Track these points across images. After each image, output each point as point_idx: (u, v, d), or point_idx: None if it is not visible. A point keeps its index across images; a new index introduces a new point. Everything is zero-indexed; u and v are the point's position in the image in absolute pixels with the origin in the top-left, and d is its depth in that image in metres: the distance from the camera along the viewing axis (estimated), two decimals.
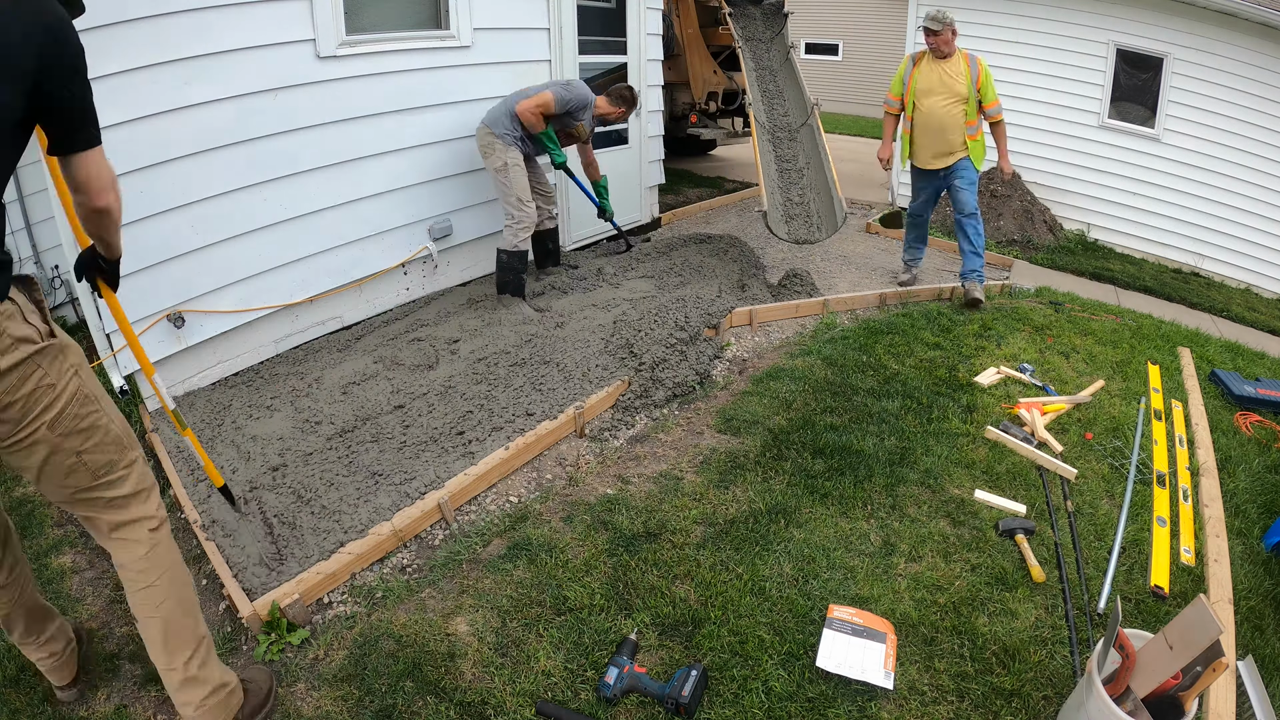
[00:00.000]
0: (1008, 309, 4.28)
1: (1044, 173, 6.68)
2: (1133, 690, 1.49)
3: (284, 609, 2.00)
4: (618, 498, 2.45)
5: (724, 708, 1.69)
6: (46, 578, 2.20)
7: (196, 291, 3.04)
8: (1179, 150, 6.06)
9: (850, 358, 3.43)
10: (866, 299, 4.34)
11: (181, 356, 3.08)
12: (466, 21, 3.76)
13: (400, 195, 3.74)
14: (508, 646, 1.88)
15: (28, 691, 1.81)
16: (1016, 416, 3.01)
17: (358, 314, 3.79)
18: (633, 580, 2.08)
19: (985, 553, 2.22)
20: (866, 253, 5.55)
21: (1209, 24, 5.66)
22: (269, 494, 2.51)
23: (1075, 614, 2.00)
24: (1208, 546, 2.32)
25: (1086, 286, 5.26)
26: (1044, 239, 6.29)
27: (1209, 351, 4.01)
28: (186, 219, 2.93)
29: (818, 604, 1.99)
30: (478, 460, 2.63)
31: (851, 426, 2.85)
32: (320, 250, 3.47)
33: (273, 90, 3.06)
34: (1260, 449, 3.01)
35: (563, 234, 4.85)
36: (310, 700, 1.75)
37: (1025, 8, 6.38)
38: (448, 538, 2.38)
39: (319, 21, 3.13)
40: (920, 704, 1.72)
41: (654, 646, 1.87)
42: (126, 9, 2.55)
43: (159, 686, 1.83)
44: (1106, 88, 6.23)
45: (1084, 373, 3.51)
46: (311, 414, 2.93)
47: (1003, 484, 2.59)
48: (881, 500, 2.44)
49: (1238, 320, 5.06)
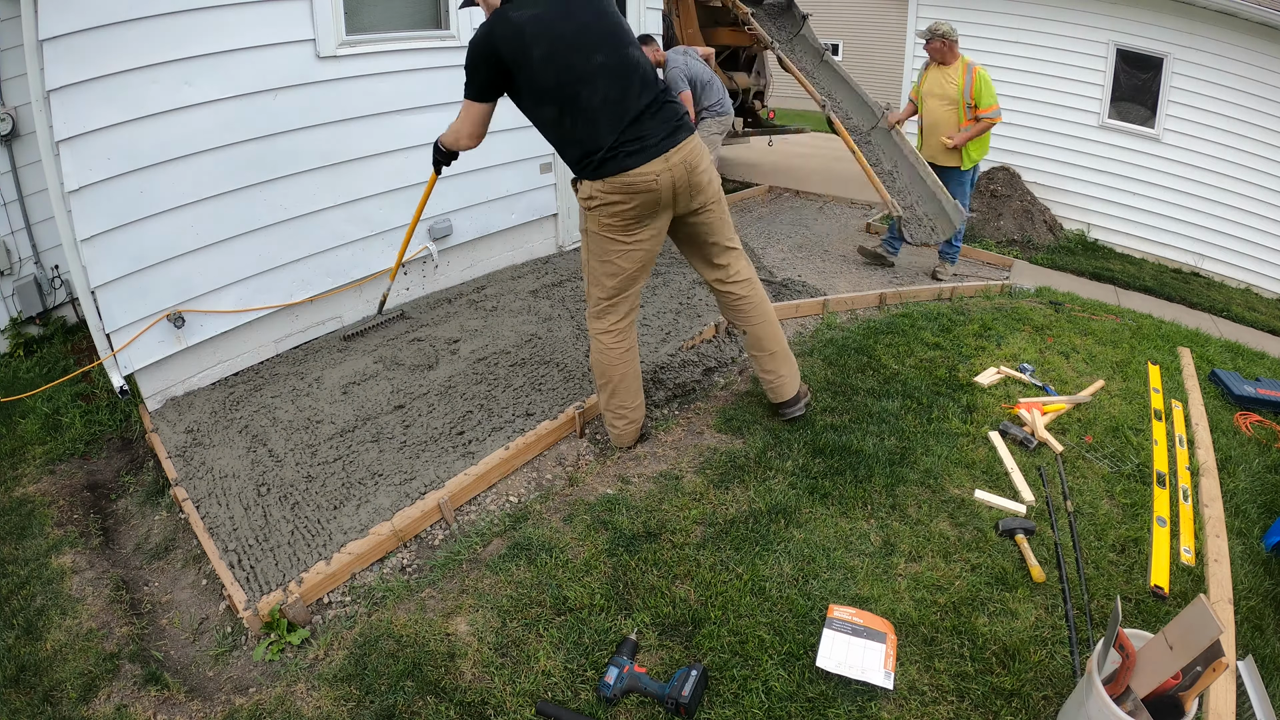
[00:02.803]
0: (1008, 309, 4.28)
1: (1044, 173, 6.68)
2: (1133, 690, 1.49)
3: (284, 609, 2.01)
4: (618, 498, 2.45)
5: (724, 708, 1.69)
6: (46, 578, 2.20)
7: (196, 291, 3.04)
8: (1179, 150, 6.06)
9: (850, 358, 3.43)
10: (866, 299, 4.34)
11: (182, 356, 3.08)
12: (466, 21, 3.76)
13: (400, 195, 3.74)
14: (508, 646, 1.88)
15: (27, 691, 1.82)
16: (1016, 416, 3.01)
17: (358, 314, 3.79)
18: (633, 580, 2.08)
19: (985, 553, 2.22)
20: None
21: (1209, 24, 5.66)
22: (270, 493, 2.51)
23: (1075, 614, 2.00)
24: (1208, 546, 2.32)
25: (1086, 286, 5.26)
26: (1044, 239, 6.29)
27: (1209, 351, 4.01)
28: (186, 219, 2.93)
29: (818, 604, 1.99)
30: (478, 460, 2.63)
31: (851, 426, 2.85)
32: (320, 250, 3.47)
33: (273, 90, 3.07)
34: (1260, 449, 3.01)
35: (561, 234, 4.85)
36: (310, 700, 1.75)
37: (1025, 8, 6.38)
38: (448, 538, 2.38)
39: (319, 21, 3.13)
40: (920, 704, 1.72)
41: (654, 646, 1.87)
42: (126, 9, 2.56)
43: (159, 686, 1.84)
44: (1106, 88, 6.22)
45: (1084, 373, 3.51)
46: (312, 414, 2.93)
47: (1002, 484, 2.59)
48: (881, 500, 2.44)
49: (1238, 320, 5.06)
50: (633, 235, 2.37)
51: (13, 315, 3.64)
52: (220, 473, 2.62)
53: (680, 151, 2.27)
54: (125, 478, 2.82)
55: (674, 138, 2.27)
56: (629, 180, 2.23)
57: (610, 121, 2.20)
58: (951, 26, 4.47)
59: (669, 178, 2.27)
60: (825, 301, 4.19)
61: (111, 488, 2.79)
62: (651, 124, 2.24)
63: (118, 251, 2.76)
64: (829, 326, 3.90)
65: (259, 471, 2.62)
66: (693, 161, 2.31)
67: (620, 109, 2.20)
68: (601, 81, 2.18)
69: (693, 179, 2.33)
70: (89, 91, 2.52)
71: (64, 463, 2.82)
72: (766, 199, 7.21)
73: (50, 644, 1.96)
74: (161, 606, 2.21)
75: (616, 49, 2.22)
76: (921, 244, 4.75)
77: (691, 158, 2.31)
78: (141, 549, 2.45)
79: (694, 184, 2.34)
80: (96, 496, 2.72)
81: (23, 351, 3.59)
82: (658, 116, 2.27)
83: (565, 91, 2.18)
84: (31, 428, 2.99)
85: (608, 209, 2.31)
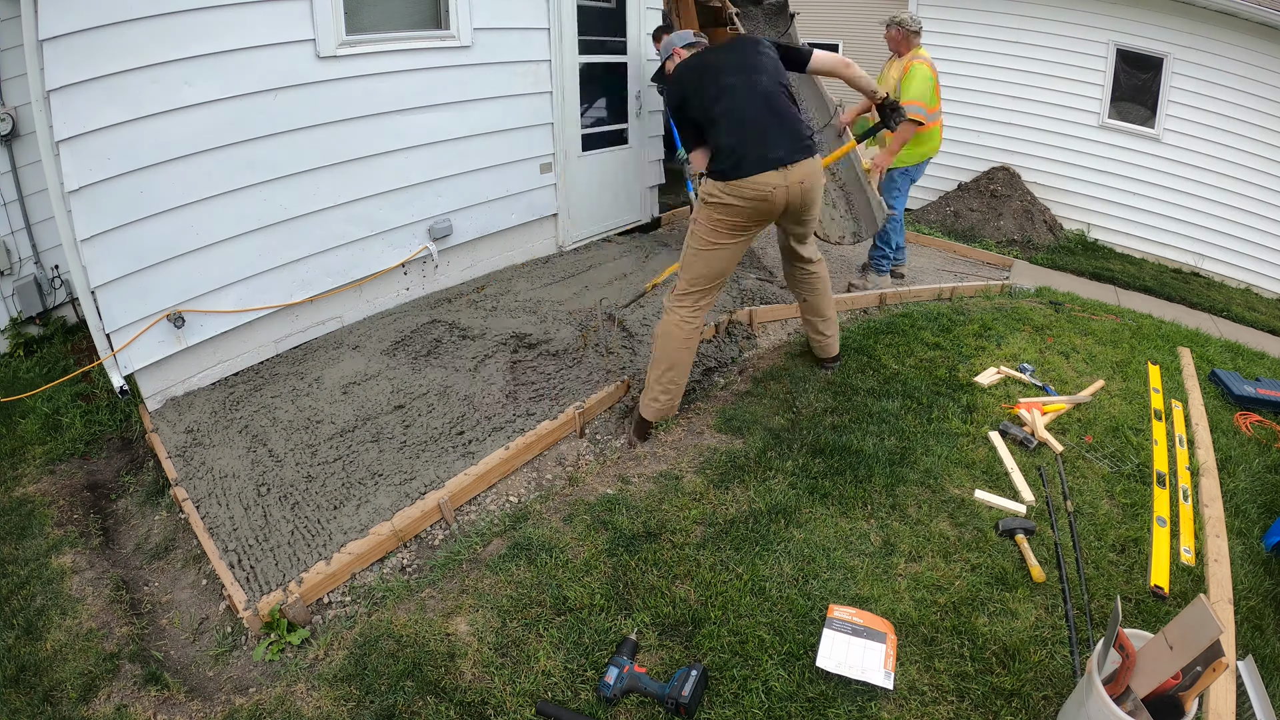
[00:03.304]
0: (1008, 309, 4.28)
1: (1044, 173, 6.68)
2: (1133, 690, 1.49)
3: (284, 609, 2.01)
4: (618, 498, 2.45)
5: (724, 708, 1.69)
6: (46, 578, 2.20)
7: (196, 291, 3.04)
8: (1179, 150, 6.06)
9: (850, 358, 3.43)
10: (866, 299, 4.34)
11: (182, 356, 3.07)
12: (466, 21, 3.76)
13: (400, 195, 3.74)
14: (508, 646, 1.88)
15: (27, 691, 1.82)
16: (1017, 416, 3.01)
17: (358, 314, 3.79)
18: (633, 580, 2.08)
19: (985, 553, 2.22)
20: (867, 253, 5.54)
21: (1209, 24, 5.66)
22: (270, 493, 2.51)
23: (1075, 614, 2.00)
24: (1208, 546, 2.32)
25: (1086, 286, 5.26)
26: (1044, 239, 6.29)
27: (1209, 351, 4.01)
28: (186, 219, 2.93)
29: (818, 604, 1.99)
30: (478, 460, 2.63)
31: (851, 426, 2.85)
32: (320, 250, 3.46)
33: (273, 90, 3.06)
34: (1260, 449, 3.01)
35: (560, 233, 4.85)
36: (310, 700, 1.75)
37: (1025, 8, 6.38)
38: (448, 538, 2.38)
39: (319, 21, 3.13)
40: (920, 704, 1.72)
41: (654, 646, 1.87)
42: (127, 9, 2.55)
43: (159, 686, 1.84)
44: (1106, 88, 6.22)
45: (1084, 373, 3.51)
46: (312, 414, 2.93)
47: (1002, 484, 2.59)
48: (881, 500, 2.44)
49: (1238, 320, 5.06)
50: (737, 236, 2.67)
51: (13, 315, 3.64)
52: (220, 473, 2.62)
53: (801, 169, 2.57)
54: (125, 478, 2.82)
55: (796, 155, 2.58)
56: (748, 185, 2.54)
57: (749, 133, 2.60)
58: (914, 17, 4.31)
59: (784, 192, 2.56)
60: None
61: (111, 488, 2.79)
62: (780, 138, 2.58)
63: (118, 251, 2.76)
64: None
65: (259, 471, 2.62)
66: (811, 181, 2.62)
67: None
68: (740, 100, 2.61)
69: (806, 196, 2.64)
70: (89, 91, 2.52)
71: (64, 463, 2.82)
72: None
73: (50, 644, 1.96)
74: (161, 606, 2.22)
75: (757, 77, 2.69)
76: (837, 242, 4.61)
77: (810, 178, 2.61)
78: (141, 549, 2.45)
79: (806, 201, 2.67)
80: (96, 496, 2.72)
81: (23, 351, 3.59)
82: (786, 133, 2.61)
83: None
84: (31, 428, 2.99)
85: (722, 208, 2.61)
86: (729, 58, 2.68)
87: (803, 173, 2.56)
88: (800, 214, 2.73)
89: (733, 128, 2.56)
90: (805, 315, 3.25)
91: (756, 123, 2.57)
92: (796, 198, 2.60)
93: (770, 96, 2.61)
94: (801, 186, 2.58)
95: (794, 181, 2.55)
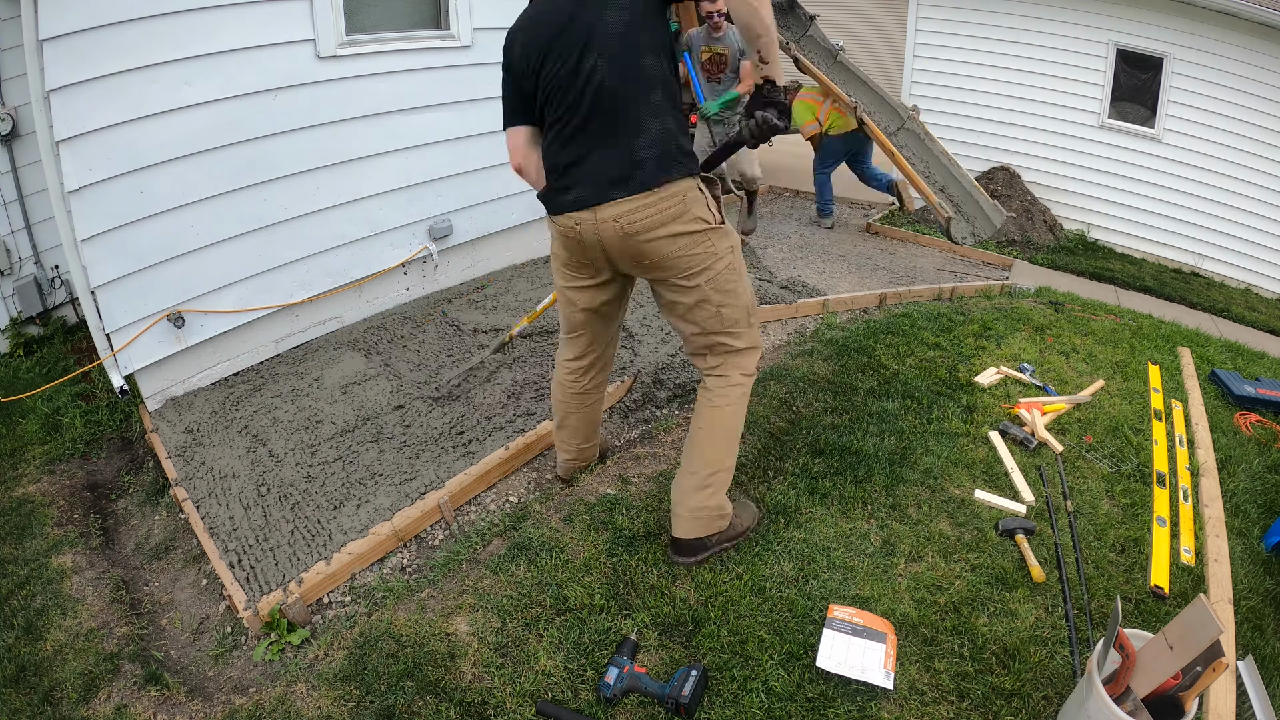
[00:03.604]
0: (1008, 309, 4.27)
1: (1044, 172, 6.67)
2: (1133, 690, 1.49)
3: (284, 609, 2.01)
4: (618, 498, 2.44)
5: (724, 708, 1.69)
6: (46, 578, 2.20)
7: (196, 291, 3.04)
8: (1179, 150, 6.05)
9: (850, 358, 3.43)
10: (866, 299, 4.34)
11: (181, 356, 3.08)
12: (466, 21, 3.76)
13: (400, 195, 3.74)
14: (508, 646, 1.88)
15: (27, 691, 1.81)
16: (1016, 416, 3.00)
17: (358, 314, 3.79)
18: (633, 580, 2.08)
19: (985, 553, 2.22)
20: (867, 252, 5.55)
21: (1209, 24, 5.65)
22: (270, 493, 2.51)
23: (1075, 614, 2.00)
24: (1208, 546, 2.32)
25: (1086, 286, 5.26)
26: (1044, 239, 6.29)
27: (1209, 351, 4.01)
28: (186, 219, 2.93)
29: (818, 604, 1.99)
30: (478, 460, 2.63)
31: (851, 426, 2.84)
32: (320, 250, 3.47)
33: (273, 90, 3.07)
34: (1260, 449, 3.00)
35: None
36: (310, 700, 1.75)
37: (1025, 8, 6.38)
38: (448, 538, 2.38)
39: (319, 21, 3.13)
40: (920, 704, 1.72)
41: (654, 646, 1.87)
42: (126, 9, 2.56)
43: (159, 686, 1.84)
44: (1106, 88, 6.22)
45: (1084, 373, 3.51)
46: (312, 414, 2.93)
47: (1002, 484, 2.59)
48: (881, 500, 2.44)
49: (1238, 320, 5.05)
50: (570, 280, 2.08)
51: (13, 315, 3.64)
52: (220, 473, 2.62)
53: (614, 209, 1.80)
54: (125, 478, 2.82)
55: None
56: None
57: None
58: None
59: (593, 231, 1.84)
60: (825, 301, 4.19)
61: (111, 488, 2.79)
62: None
63: (118, 251, 2.76)
64: (829, 326, 3.90)
65: (259, 471, 2.62)
66: (636, 226, 1.81)
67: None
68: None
69: (632, 246, 1.84)
70: (89, 91, 2.52)
71: (64, 463, 2.82)
72: (766, 198, 7.20)
73: (50, 644, 1.96)
74: (161, 606, 2.22)
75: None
76: (961, 242, 4.82)
77: (635, 221, 1.80)
78: (141, 549, 2.45)
79: (637, 252, 1.85)
80: (96, 496, 2.72)
81: (23, 351, 3.60)
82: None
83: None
84: (31, 428, 2.99)
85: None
86: (561, 18, 1.77)
87: (616, 213, 1.79)
88: (639, 270, 1.93)
89: (552, 143, 1.87)
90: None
91: (579, 139, 1.81)
92: (614, 246, 1.85)
93: (614, 93, 1.75)
94: (619, 231, 1.80)
95: (605, 220, 1.81)
